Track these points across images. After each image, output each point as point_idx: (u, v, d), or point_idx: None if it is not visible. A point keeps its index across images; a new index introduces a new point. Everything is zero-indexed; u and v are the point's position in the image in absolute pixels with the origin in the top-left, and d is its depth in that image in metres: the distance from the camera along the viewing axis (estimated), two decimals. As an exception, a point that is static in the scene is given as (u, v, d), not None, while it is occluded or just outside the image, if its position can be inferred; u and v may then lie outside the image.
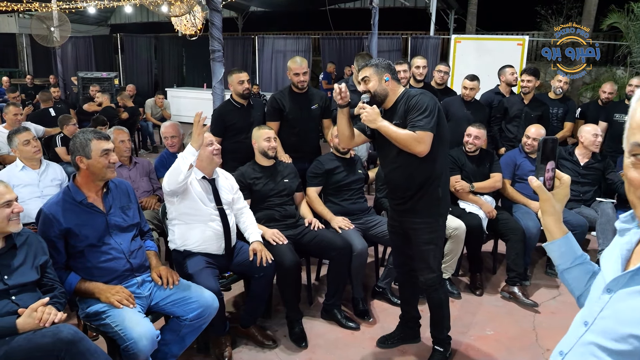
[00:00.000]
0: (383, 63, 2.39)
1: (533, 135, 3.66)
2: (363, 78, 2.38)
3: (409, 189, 2.37)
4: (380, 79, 2.35)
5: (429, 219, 2.38)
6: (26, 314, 1.82)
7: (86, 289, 2.16)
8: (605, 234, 3.36)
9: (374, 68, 2.37)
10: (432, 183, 2.34)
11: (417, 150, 2.22)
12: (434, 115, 2.24)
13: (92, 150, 2.17)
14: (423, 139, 2.21)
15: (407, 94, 2.36)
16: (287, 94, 3.57)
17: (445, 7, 11.86)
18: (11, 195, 1.99)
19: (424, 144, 2.22)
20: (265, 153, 3.03)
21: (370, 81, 2.37)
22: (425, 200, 2.36)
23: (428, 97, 2.28)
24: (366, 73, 2.37)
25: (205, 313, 2.24)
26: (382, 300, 3.23)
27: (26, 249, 2.03)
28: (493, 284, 3.54)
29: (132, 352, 1.96)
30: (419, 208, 2.37)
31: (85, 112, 7.31)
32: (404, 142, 2.23)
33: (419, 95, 2.30)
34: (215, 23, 4.89)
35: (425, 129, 2.21)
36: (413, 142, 2.21)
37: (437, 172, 2.34)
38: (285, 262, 2.67)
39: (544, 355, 2.68)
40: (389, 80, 2.36)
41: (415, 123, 2.23)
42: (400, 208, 2.46)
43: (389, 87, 2.37)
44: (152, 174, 3.71)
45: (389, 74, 2.36)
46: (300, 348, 2.71)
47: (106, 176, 2.24)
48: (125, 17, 15.75)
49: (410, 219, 2.42)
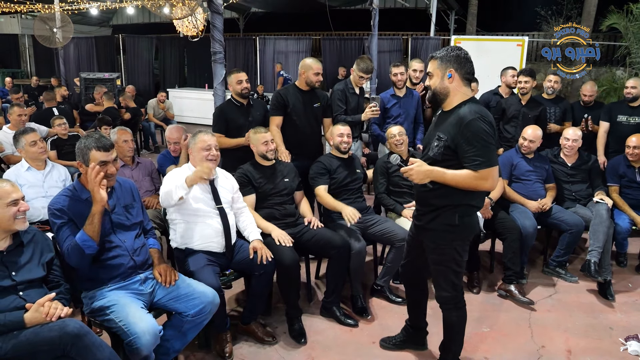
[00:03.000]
0: (450, 54, 2.11)
1: (529, 136, 3.72)
2: (428, 73, 2.18)
3: (428, 204, 2.23)
4: (443, 74, 2.11)
5: (440, 241, 2.24)
6: (33, 309, 1.88)
7: (92, 221, 2.13)
8: (596, 235, 3.39)
9: (438, 61, 2.12)
10: (453, 208, 2.16)
11: (482, 187, 2.07)
12: (494, 142, 2.04)
13: (89, 160, 2.21)
14: (488, 176, 2.02)
15: (464, 111, 2.07)
16: (291, 90, 3.62)
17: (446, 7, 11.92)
18: (17, 195, 2.04)
19: (490, 180, 2.04)
20: (265, 156, 3.09)
21: (433, 77, 2.15)
22: (439, 222, 2.20)
23: (486, 124, 2.03)
24: (430, 67, 2.16)
25: (206, 309, 2.29)
26: (381, 298, 3.28)
27: (33, 246, 2.10)
28: (490, 282, 3.59)
29: (135, 347, 2.02)
30: (432, 228, 2.23)
31: (88, 112, 7.36)
32: (467, 185, 2.06)
33: (476, 120, 2.02)
34: (217, 25, 4.95)
35: (488, 165, 2.02)
36: (477, 182, 2.04)
37: (462, 199, 2.14)
38: (285, 260, 2.72)
39: (538, 352, 2.72)
40: (452, 76, 2.10)
41: (477, 162, 2.01)
42: (418, 222, 2.35)
43: (452, 86, 2.12)
44: (154, 174, 3.77)
45: (453, 69, 2.09)
46: (299, 344, 2.77)
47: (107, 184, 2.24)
48: (127, 18, 15.81)
49: (424, 235, 2.31)
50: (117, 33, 14.24)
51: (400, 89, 4.17)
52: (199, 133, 2.74)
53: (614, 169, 3.87)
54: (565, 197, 3.83)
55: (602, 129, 4.50)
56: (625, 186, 3.81)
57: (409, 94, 4.24)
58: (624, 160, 3.84)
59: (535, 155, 3.81)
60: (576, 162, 3.87)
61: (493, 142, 2.06)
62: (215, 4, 4.93)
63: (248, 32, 14.24)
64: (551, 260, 3.70)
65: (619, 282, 3.61)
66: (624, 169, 3.82)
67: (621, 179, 3.83)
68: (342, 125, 3.39)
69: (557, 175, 3.87)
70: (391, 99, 4.18)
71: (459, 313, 2.34)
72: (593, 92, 4.68)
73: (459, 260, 2.26)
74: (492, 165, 2.03)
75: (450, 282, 2.27)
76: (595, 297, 3.40)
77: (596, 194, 3.72)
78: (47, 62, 13.89)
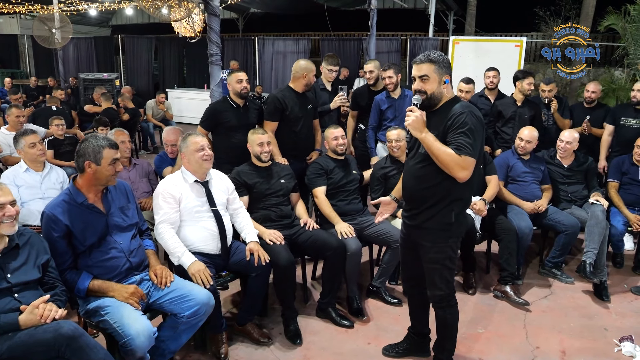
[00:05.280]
0: (445, 61, 2.11)
1: (526, 137, 3.73)
2: (421, 76, 2.11)
3: (423, 203, 2.21)
4: (440, 80, 2.10)
5: (437, 239, 2.23)
6: (28, 311, 1.89)
7: (99, 288, 2.21)
8: (592, 236, 3.40)
9: (435, 66, 2.08)
10: (448, 205, 2.17)
11: (457, 175, 2.05)
12: (481, 140, 2.08)
13: (102, 158, 2.23)
14: (468, 165, 2.04)
15: (452, 105, 2.12)
16: (287, 94, 3.61)
17: (444, 8, 11.92)
18: (5, 199, 2.01)
19: (467, 171, 2.05)
20: (259, 157, 3.10)
21: (429, 81, 2.10)
22: (436, 220, 2.19)
23: (476, 119, 2.07)
24: (425, 71, 2.09)
25: (201, 311, 2.29)
26: (377, 299, 3.29)
27: (28, 248, 2.10)
28: (486, 283, 3.60)
29: (129, 348, 2.03)
30: (428, 227, 2.22)
31: (86, 113, 7.38)
32: (446, 162, 2.04)
33: (468, 113, 2.06)
34: (214, 27, 4.96)
35: (472, 155, 2.03)
36: (456, 166, 2.03)
37: (456, 195, 2.17)
38: (281, 261, 2.73)
39: (533, 353, 2.73)
40: (448, 83, 2.12)
41: (462, 146, 2.02)
42: (410, 222, 2.33)
43: (444, 91, 2.13)
44: (151, 175, 3.77)
45: (449, 75, 2.11)
46: (295, 345, 2.78)
47: (109, 183, 2.32)
48: (126, 19, 15.81)
49: (418, 235, 2.29)
50: (116, 33, 14.26)
51: (393, 91, 4.18)
52: (189, 136, 2.74)
53: (617, 166, 3.92)
54: (561, 198, 3.84)
55: (606, 132, 4.51)
56: (626, 183, 3.86)
57: (404, 95, 4.24)
58: (628, 158, 3.91)
59: (532, 156, 3.82)
60: (572, 164, 3.89)
61: (480, 138, 2.08)
62: (212, 5, 4.95)
63: (247, 33, 14.26)
64: (547, 261, 3.71)
65: (615, 283, 3.62)
66: (627, 166, 3.88)
67: (623, 175, 3.88)
68: (334, 128, 3.40)
69: (553, 176, 3.88)
70: (386, 101, 4.19)
71: (452, 311, 2.37)
72: (597, 90, 4.65)
73: (454, 257, 2.30)
74: (474, 157, 2.05)
75: (445, 280, 2.29)
76: (591, 298, 3.41)
77: (592, 196, 3.74)
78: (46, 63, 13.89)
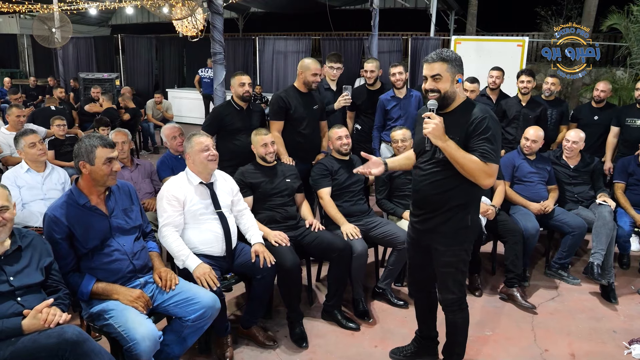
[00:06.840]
0: (458, 59, 2.04)
1: (532, 137, 3.69)
2: (434, 76, 2.03)
3: (439, 207, 2.15)
4: (453, 79, 2.04)
5: (452, 243, 2.19)
6: (31, 315, 1.85)
7: (104, 290, 2.18)
8: (599, 237, 3.37)
9: (448, 64, 2.01)
10: (464, 209, 2.14)
11: (483, 182, 2.02)
12: (500, 145, 2.07)
13: (96, 157, 2.19)
14: (493, 173, 2.00)
15: (470, 108, 2.06)
16: (291, 93, 3.58)
17: (446, 8, 11.90)
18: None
19: (493, 178, 2.01)
20: (264, 158, 3.07)
21: (442, 80, 2.03)
22: (451, 225, 2.15)
23: (496, 123, 2.05)
24: (438, 70, 2.01)
25: (207, 314, 2.26)
26: (383, 301, 3.26)
27: (31, 251, 2.06)
28: (492, 284, 3.57)
29: (134, 353, 1.99)
30: (442, 231, 2.17)
31: (87, 112, 7.34)
32: (472, 170, 1.99)
33: (489, 118, 2.01)
34: (217, 26, 4.92)
35: (496, 162, 2.00)
36: (482, 174, 1.99)
37: (472, 198, 2.16)
38: (286, 263, 2.70)
39: (542, 356, 2.70)
40: (461, 82, 2.07)
41: (487, 153, 1.98)
42: (422, 226, 2.26)
43: (457, 90, 2.08)
44: (154, 176, 3.72)
45: (461, 74, 2.05)
46: (300, 348, 2.74)
47: (107, 183, 2.26)
48: (126, 18, 15.77)
49: (431, 239, 2.24)
50: (116, 33, 14.19)
51: (400, 89, 4.16)
52: (193, 136, 2.71)
53: (623, 167, 3.89)
54: (568, 199, 3.81)
55: (611, 134, 4.48)
56: (633, 184, 3.83)
57: (409, 94, 4.22)
58: (634, 159, 3.88)
59: (537, 156, 3.79)
60: (578, 164, 3.85)
61: (500, 143, 2.09)
62: (215, 4, 4.91)
63: (247, 32, 14.21)
64: (553, 262, 3.68)
65: (623, 285, 3.59)
66: (633, 167, 3.85)
67: (629, 177, 3.85)
68: (338, 128, 3.38)
69: (559, 176, 3.85)
70: (391, 101, 4.16)
71: (463, 314, 2.33)
72: (607, 89, 4.55)
73: (467, 260, 2.26)
74: (498, 163, 2.06)
75: (459, 284, 2.27)
76: (598, 300, 3.38)
77: (598, 196, 3.70)
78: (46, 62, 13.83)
